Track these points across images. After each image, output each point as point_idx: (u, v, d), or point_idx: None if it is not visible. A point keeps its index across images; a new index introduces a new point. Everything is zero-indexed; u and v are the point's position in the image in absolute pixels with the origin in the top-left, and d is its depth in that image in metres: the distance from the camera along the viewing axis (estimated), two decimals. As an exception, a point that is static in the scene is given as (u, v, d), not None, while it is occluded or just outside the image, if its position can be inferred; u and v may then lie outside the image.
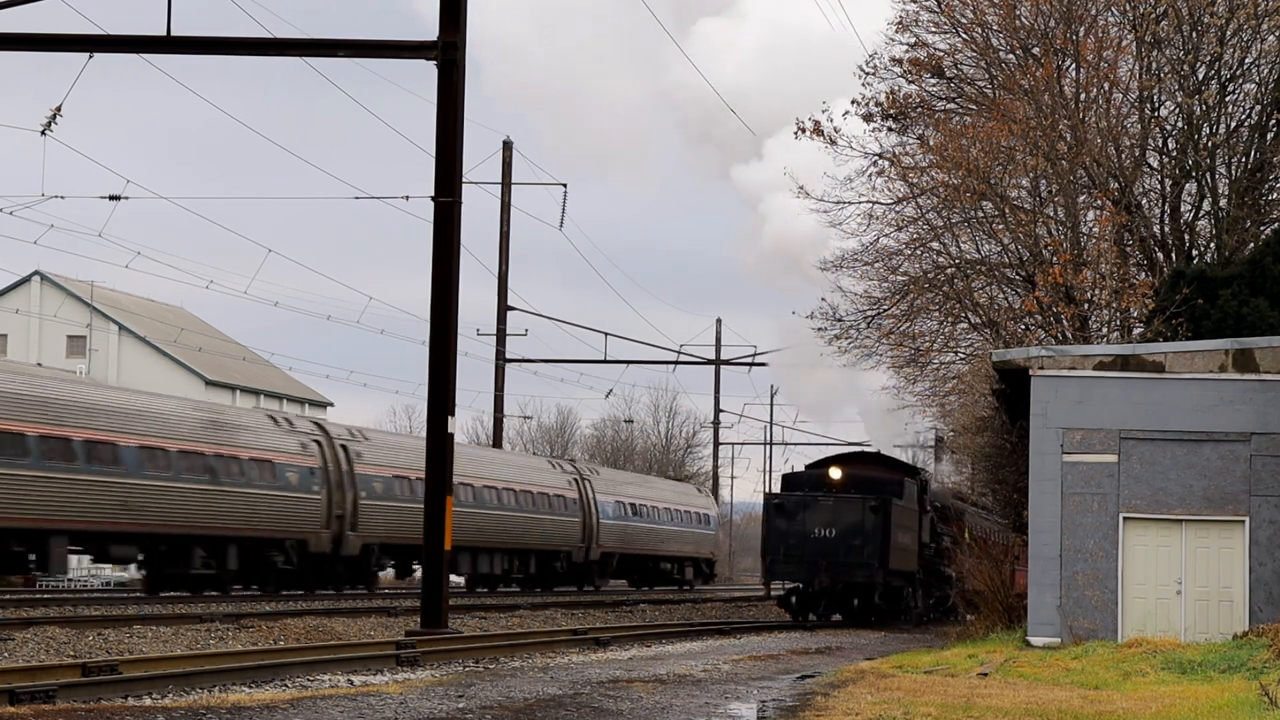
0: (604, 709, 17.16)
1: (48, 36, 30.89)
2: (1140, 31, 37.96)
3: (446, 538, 29.41)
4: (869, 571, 44.77)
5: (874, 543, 44.76)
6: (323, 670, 21.19)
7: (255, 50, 32.59)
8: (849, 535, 44.72)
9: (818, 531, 44.79)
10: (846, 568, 44.69)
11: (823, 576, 44.62)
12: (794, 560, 45.07)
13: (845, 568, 44.69)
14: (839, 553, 44.64)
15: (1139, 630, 28.63)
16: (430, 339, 29.92)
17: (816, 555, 44.65)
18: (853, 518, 44.80)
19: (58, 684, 17.11)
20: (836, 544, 44.71)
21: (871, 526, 44.70)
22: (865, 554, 44.66)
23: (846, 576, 44.79)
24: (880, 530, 44.76)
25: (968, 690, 20.22)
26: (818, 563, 44.59)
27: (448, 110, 29.82)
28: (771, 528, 45.84)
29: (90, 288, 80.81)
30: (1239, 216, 38.14)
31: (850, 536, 44.71)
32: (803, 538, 44.89)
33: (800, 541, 44.88)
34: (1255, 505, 29.14)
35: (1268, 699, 17.27)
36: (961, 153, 36.61)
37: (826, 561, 44.51)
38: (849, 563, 44.62)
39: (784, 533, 45.17)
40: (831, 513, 44.90)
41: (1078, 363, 29.95)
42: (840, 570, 44.72)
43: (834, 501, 45.14)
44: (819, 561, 44.58)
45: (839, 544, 44.71)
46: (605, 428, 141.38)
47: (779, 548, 45.41)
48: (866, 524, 44.68)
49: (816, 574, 44.71)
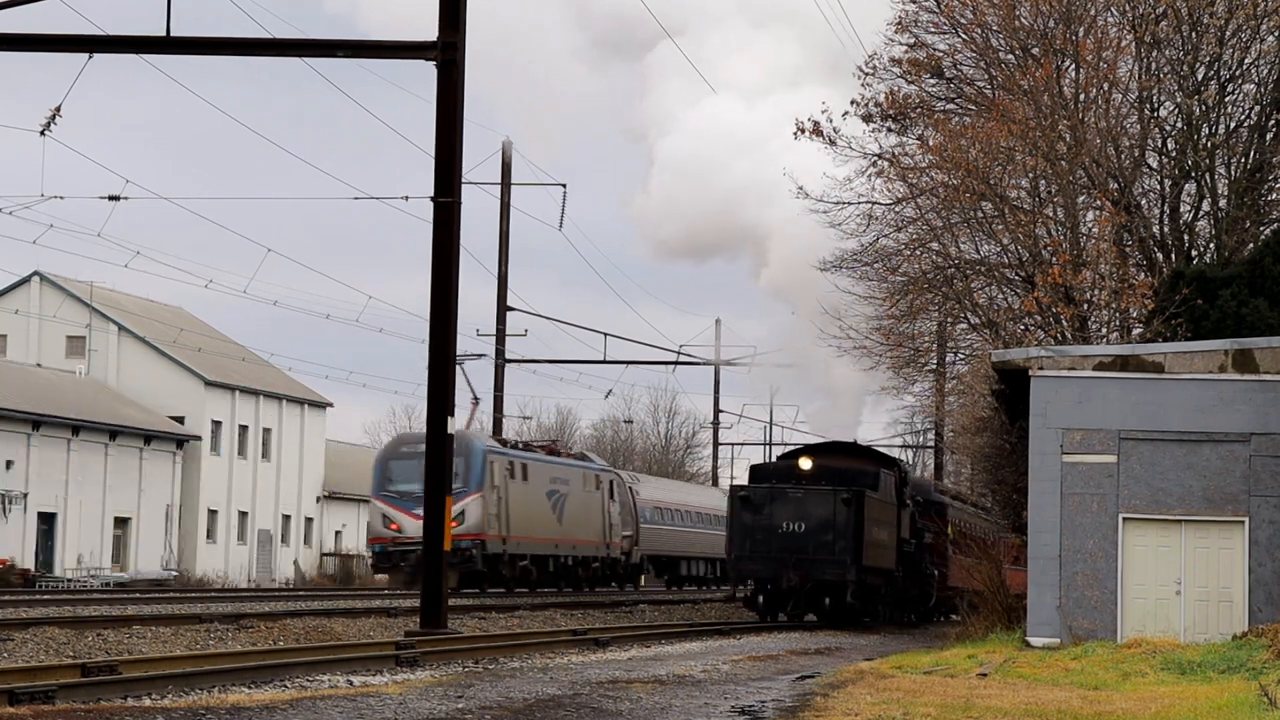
0: (603, 709, 17.17)
1: (47, 37, 30.89)
2: (1140, 32, 37.96)
3: (446, 538, 29.44)
4: (840, 569, 42.18)
5: (846, 538, 42.15)
6: (322, 671, 21.18)
7: (254, 50, 32.64)
8: (819, 530, 42.19)
9: (786, 526, 42.26)
10: (816, 565, 42.17)
11: (791, 574, 42.05)
12: (760, 557, 42.44)
13: (815, 565, 42.16)
14: (808, 548, 42.15)
15: (1138, 631, 28.65)
16: (430, 339, 29.94)
17: (784, 551, 42.13)
18: (823, 511, 42.27)
19: (57, 684, 17.09)
20: (806, 539, 42.23)
21: (843, 520, 42.10)
22: (837, 550, 42.12)
23: (816, 574, 42.21)
24: (853, 524, 42.19)
25: (967, 690, 20.24)
26: (786, 559, 42.08)
27: (447, 110, 29.85)
28: (737, 522, 43.26)
29: (89, 288, 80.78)
30: (1238, 217, 38.14)
31: (821, 531, 42.18)
32: (770, 533, 42.34)
33: (767, 537, 42.33)
34: (1255, 505, 29.16)
35: (1267, 699, 17.29)
36: (961, 153, 36.63)
37: (795, 558, 42.03)
38: (819, 559, 42.14)
39: (750, 527, 42.66)
40: (800, 506, 42.39)
41: (1077, 363, 29.97)
42: (810, 567, 42.17)
43: (803, 494, 42.56)
44: (787, 558, 42.07)
45: (808, 539, 42.21)
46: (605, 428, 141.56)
47: (745, 543, 42.84)
48: (838, 518, 42.11)
49: (784, 571, 42.12)
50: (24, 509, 68.85)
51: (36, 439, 69.69)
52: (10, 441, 68.34)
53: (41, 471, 69.96)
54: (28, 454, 69.26)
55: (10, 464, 68.25)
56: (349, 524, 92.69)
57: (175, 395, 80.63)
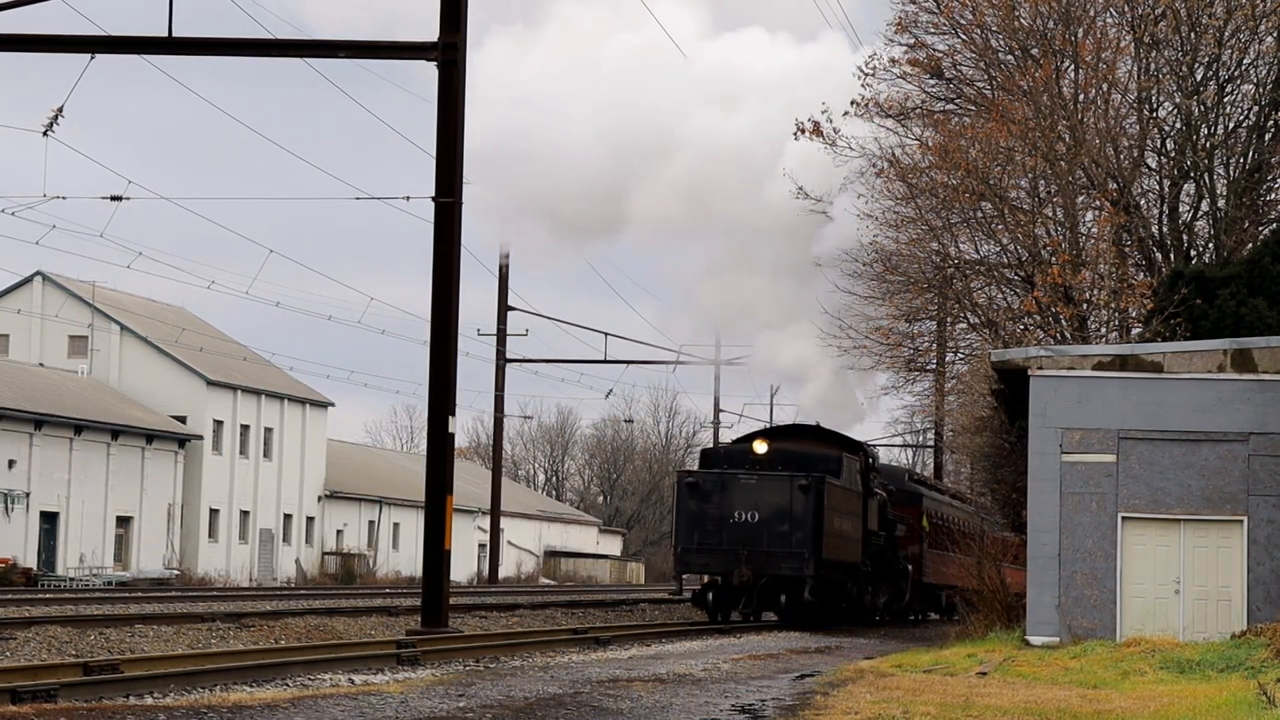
0: (604, 708, 17.23)
1: (49, 37, 31.00)
2: (1139, 33, 38.01)
3: (447, 537, 29.52)
4: (797, 563, 38.67)
5: (804, 529, 38.75)
6: (324, 669, 21.25)
7: (256, 51, 32.74)
8: (774, 520, 38.77)
9: (738, 516, 38.80)
10: (771, 558, 38.73)
11: (743, 569, 38.62)
12: (710, 550, 38.99)
13: (770, 558, 38.73)
14: (762, 541, 38.75)
15: (1137, 629, 28.72)
16: (431, 339, 30.03)
17: (736, 544, 38.74)
18: (778, 499, 38.80)
19: (59, 683, 17.14)
20: (760, 530, 38.80)
21: (801, 509, 38.70)
22: (793, 542, 38.69)
23: (771, 569, 38.77)
24: (811, 514, 38.74)
25: (967, 689, 20.28)
26: (737, 553, 38.68)
27: (448, 111, 29.93)
28: (683, 511, 39.54)
29: (92, 288, 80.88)
30: (1237, 217, 38.19)
31: (776, 521, 38.75)
32: (720, 523, 38.88)
33: (717, 528, 38.90)
34: (1253, 505, 29.23)
35: (1266, 698, 17.33)
36: (961, 153, 36.69)
37: (748, 551, 38.66)
38: (774, 552, 38.70)
39: (698, 517, 39.12)
40: (754, 493, 38.88)
41: (1076, 363, 30.03)
42: (764, 561, 38.72)
43: (757, 480, 39.03)
44: (739, 551, 38.68)
45: (763, 530, 38.81)
46: (605, 427, 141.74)
47: (692, 535, 39.30)
48: (795, 507, 38.69)
49: (736, 566, 38.69)
50: (26, 508, 68.92)
51: (39, 438, 69.77)
52: (13, 441, 68.42)
53: (44, 471, 70.04)
54: (30, 453, 69.34)
55: (13, 463, 68.33)
56: (350, 523, 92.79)
57: (177, 395, 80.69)
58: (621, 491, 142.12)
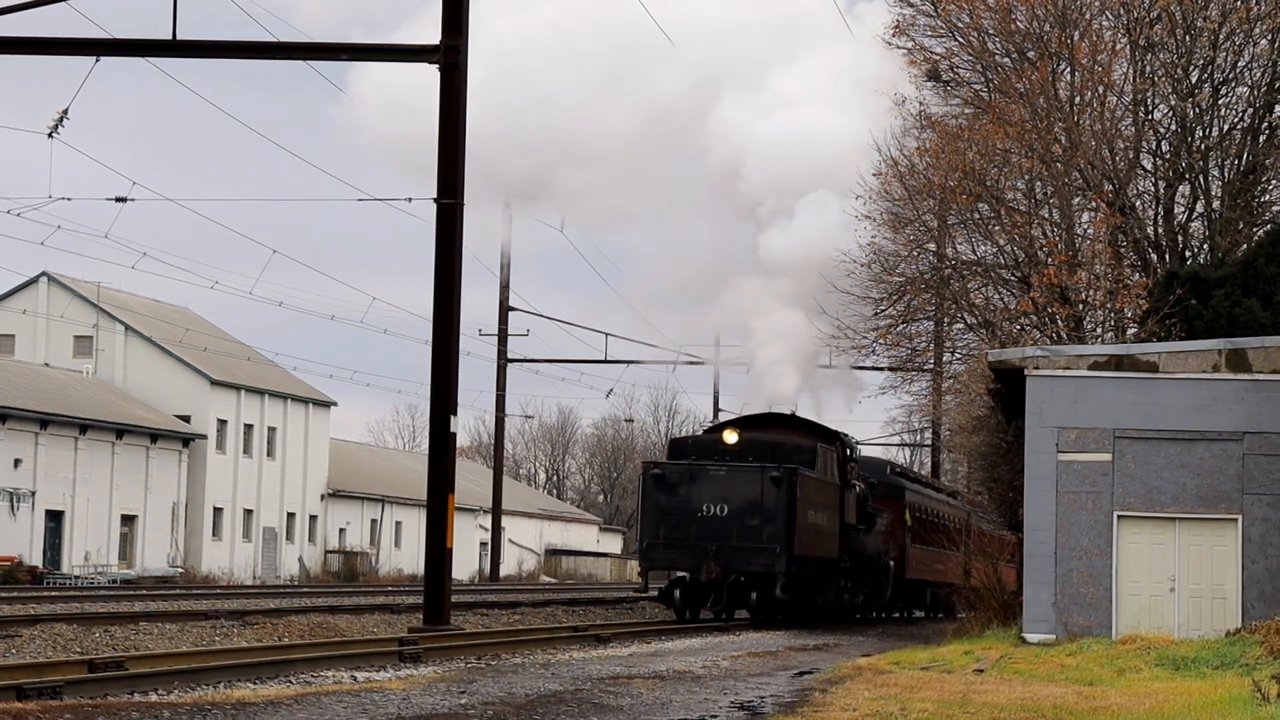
0: (605, 705, 17.36)
1: (55, 40, 31.20)
2: (1134, 35, 38.17)
3: (449, 535, 29.69)
4: (768, 558, 36.96)
5: (775, 522, 36.94)
6: (326, 667, 21.37)
7: (260, 54, 32.89)
8: (744, 513, 37.00)
9: (706, 509, 37.00)
10: (741, 554, 37.01)
11: (711, 565, 36.88)
12: (676, 545, 37.28)
13: (739, 554, 37.00)
14: (732, 535, 37.04)
15: (1133, 627, 28.87)
16: (433, 339, 30.18)
17: (704, 539, 37.01)
18: (749, 492, 37.00)
19: (64, 680, 17.28)
20: (729, 524, 37.04)
21: (772, 502, 36.90)
22: (764, 536, 36.98)
23: (741, 565, 37.07)
24: (784, 507, 36.94)
25: (964, 686, 20.39)
26: (705, 548, 36.93)
27: (450, 113, 30.09)
28: (649, 504, 37.55)
29: (97, 289, 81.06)
30: (1232, 218, 38.36)
31: (746, 515, 36.99)
32: (687, 517, 37.09)
33: (684, 522, 37.12)
34: (1248, 503, 29.39)
35: (1260, 695, 17.44)
36: (958, 155, 36.87)
37: (716, 546, 36.93)
38: (744, 548, 36.99)
39: (664, 510, 37.33)
40: (723, 485, 37.08)
41: (1073, 363, 30.19)
42: (733, 557, 36.99)
43: (726, 472, 37.19)
44: (707, 546, 36.94)
45: (732, 524, 37.03)
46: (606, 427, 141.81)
47: (658, 529, 37.45)
48: (766, 499, 36.89)
49: (704, 562, 36.94)
50: (32, 507, 69.10)
51: (44, 438, 69.96)
52: (18, 440, 68.61)
53: (49, 470, 70.23)
54: (36, 453, 69.54)
55: (19, 462, 68.51)
56: (353, 522, 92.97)
57: (181, 394, 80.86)
58: (622, 490, 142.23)
